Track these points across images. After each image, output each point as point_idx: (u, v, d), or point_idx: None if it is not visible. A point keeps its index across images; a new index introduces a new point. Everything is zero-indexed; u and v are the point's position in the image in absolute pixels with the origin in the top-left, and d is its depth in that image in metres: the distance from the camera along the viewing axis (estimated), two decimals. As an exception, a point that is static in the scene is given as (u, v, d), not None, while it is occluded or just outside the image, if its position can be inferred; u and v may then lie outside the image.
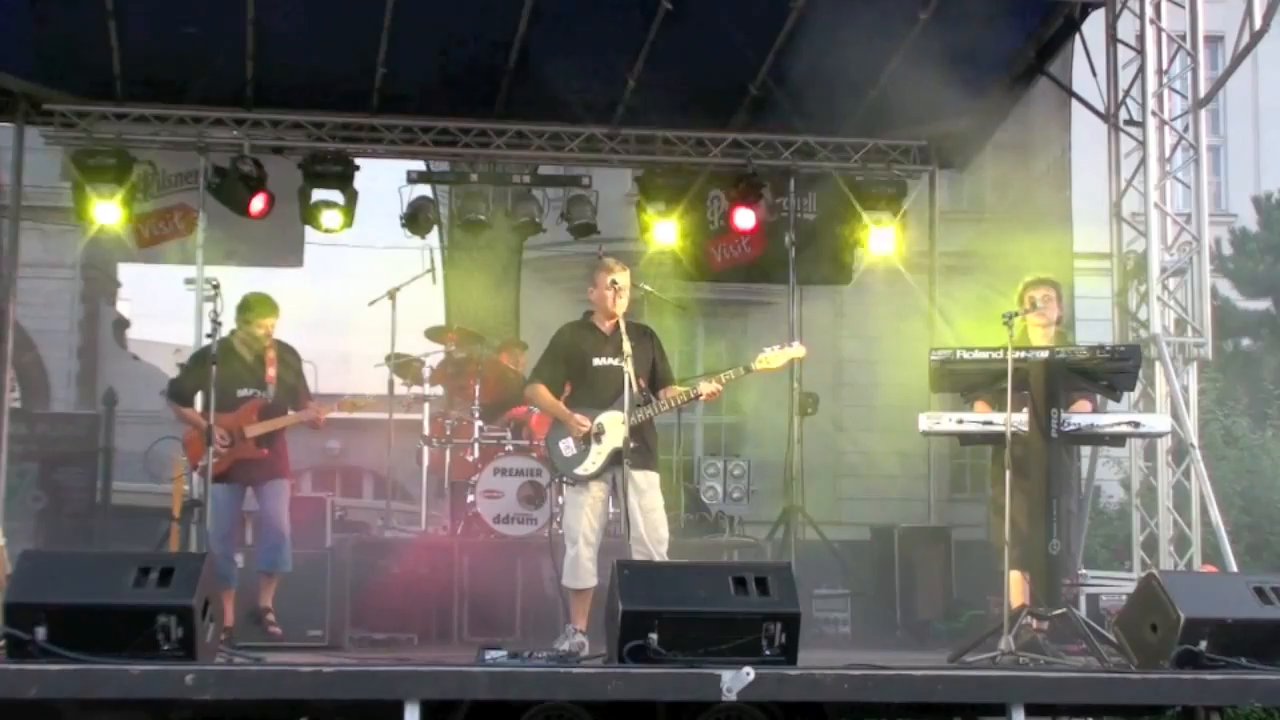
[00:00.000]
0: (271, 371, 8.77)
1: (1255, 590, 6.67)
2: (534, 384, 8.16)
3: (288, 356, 8.95)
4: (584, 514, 7.82)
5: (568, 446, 7.93)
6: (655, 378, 8.06)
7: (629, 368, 7.66)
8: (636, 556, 7.52)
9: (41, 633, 5.90)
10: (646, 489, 7.79)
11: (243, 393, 8.71)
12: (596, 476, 7.86)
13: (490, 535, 9.87)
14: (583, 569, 7.77)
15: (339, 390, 11.81)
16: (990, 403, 7.82)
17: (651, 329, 8.26)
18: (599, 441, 7.83)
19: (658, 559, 7.62)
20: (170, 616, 6.00)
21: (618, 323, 7.86)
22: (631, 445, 7.65)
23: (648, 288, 11.13)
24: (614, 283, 7.87)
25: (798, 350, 8.22)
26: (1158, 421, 8.32)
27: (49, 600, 6.03)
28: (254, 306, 8.76)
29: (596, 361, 7.92)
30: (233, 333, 8.72)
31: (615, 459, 7.77)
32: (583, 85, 10.88)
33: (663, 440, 8.39)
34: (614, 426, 7.77)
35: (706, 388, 8.00)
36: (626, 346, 7.68)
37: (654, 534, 7.73)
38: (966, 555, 10.68)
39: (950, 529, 11.25)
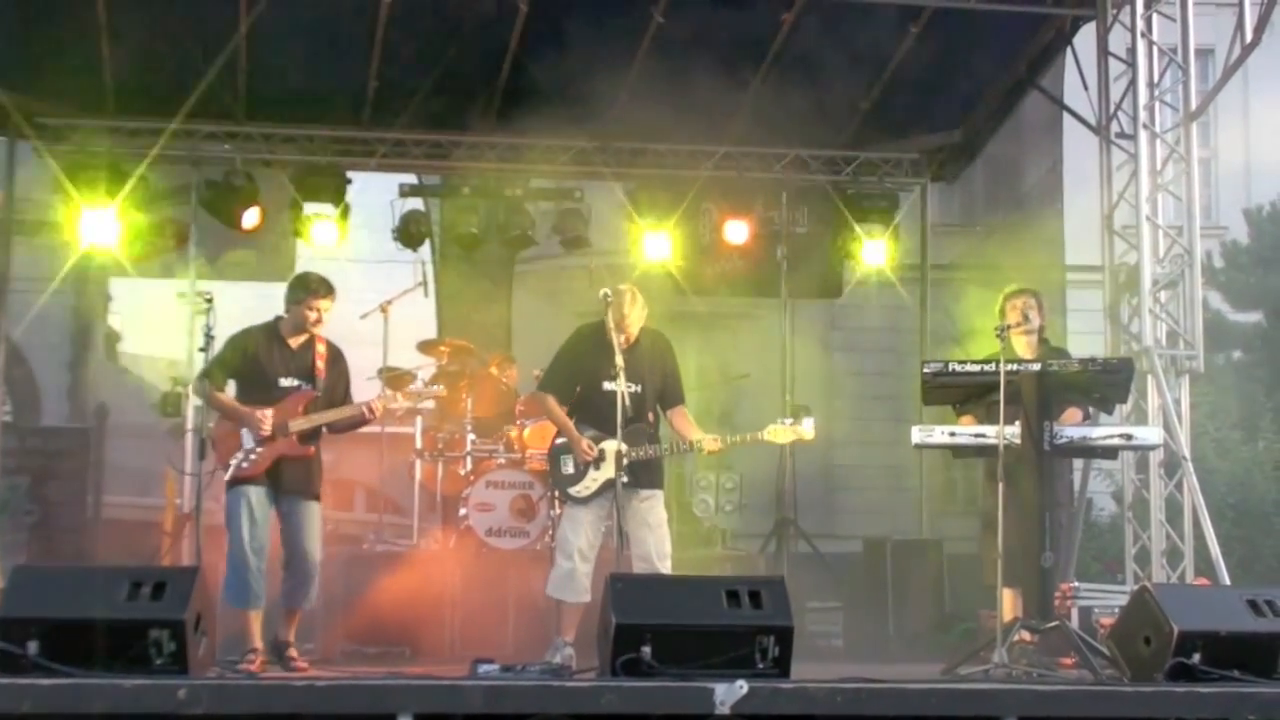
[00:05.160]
0: (321, 365, 7.90)
1: (1248, 603, 6.66)
2: (545, 394, 8.07)
3: (340, 357, 8.06)
4: (582, 529, 7.80)
5: (568, 464, 7.91)
6: (665, 393, 8.01)
7: (620, 387, 7.57)
8: (639, 572, 7.53)
9: (34, 647, 5.86)
10: (651, 506, 7.80)
11: (286, 382, 7.84)
12: (588, 500, 7.84)
13: (482, 548, 9.86)
14: (577, 583, 7.75)
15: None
16: (979, 416, 7.82)
17: (667, 340, 8.13)
18: (597, 467, 7.81)
19: (664, 573, 7.62)
20: (163, 631, 5.98)
21: (629, 341, 7.77)
22: (629, 467, 7.62)
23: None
24: (623, 315, 7.73)
25: (807, 432, 8.01)
26: (1150, 434, 8.30)
27: (41, 615, 5.99)
28: (305, 286, 7.91)
29: (606, 386, 7.76)
30: (279, 318, 7.98)
31: (610, 485, 7.72)
32: (575, 98, 10.90)
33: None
34: (613, 456, 7.72)
35: (711, 445, 7.88)
36: (620, 359, 7.59)
37: (660, 549, 7.74)
38: (958, 568, 10.67)
39: (942, 542, 11.26)
